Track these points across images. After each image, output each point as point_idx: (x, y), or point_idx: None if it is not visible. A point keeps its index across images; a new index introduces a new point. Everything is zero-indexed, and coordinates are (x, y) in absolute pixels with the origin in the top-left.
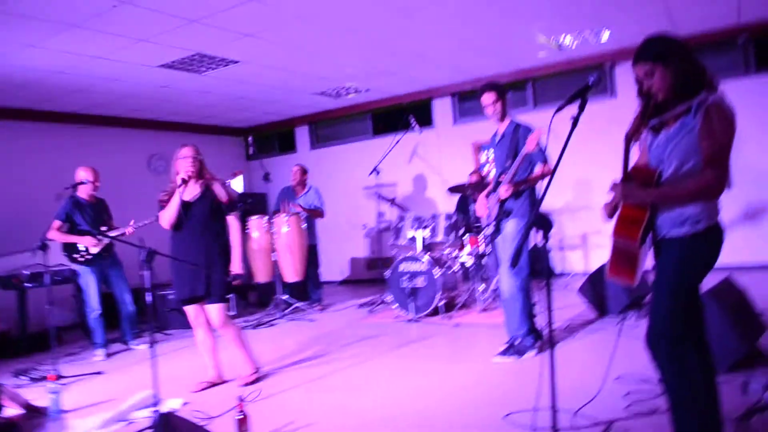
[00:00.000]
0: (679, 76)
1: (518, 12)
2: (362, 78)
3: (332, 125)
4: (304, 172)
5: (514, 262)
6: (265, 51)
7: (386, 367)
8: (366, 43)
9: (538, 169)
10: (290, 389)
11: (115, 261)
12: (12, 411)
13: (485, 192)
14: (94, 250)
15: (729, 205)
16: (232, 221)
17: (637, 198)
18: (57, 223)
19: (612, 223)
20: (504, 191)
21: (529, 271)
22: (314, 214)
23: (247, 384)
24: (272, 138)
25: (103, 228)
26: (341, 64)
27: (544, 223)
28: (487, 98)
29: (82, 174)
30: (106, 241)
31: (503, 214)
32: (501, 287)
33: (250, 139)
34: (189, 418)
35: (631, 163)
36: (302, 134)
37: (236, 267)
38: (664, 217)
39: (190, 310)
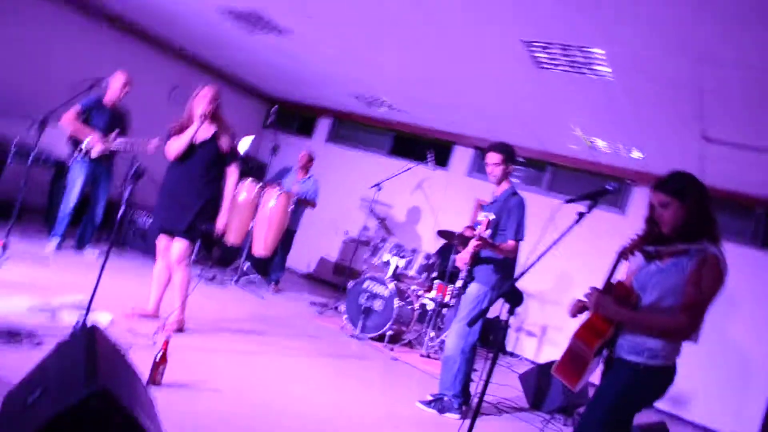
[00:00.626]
0: (690, 218)
1: (565, 100)
2: (399, 98)
3: (354, 129)
4: (310, 159)
5: (472, 322)
6: (320, 36)
7: (311, 368)
8: (415, 69)
9: (509, 242)
10: (212, 351)
11: (108, 170)
12: None
13: (469, 247)
14: (96, 152)
15: (709, 370)
16: (232, 172)
17: (609, 312)
18: (77, 109)
19: (576, 325)
20: (472, 245)
21: (478, 338)
22: (306, 203)
23: (167, 331)
24: (294, 117)
25: (116, 134)
26: (386, 76)
27: (515, 297)
28: (492, 158)
29: (118, 77)
30: (110, 147)
31: (470, 275)
32: (447, 342)
33: (274, 108)
34: (110, 337)
35: (615, 278)
36: (323, 125)
37: (222, 219)
38: (626, 339)
39: (162, 239)
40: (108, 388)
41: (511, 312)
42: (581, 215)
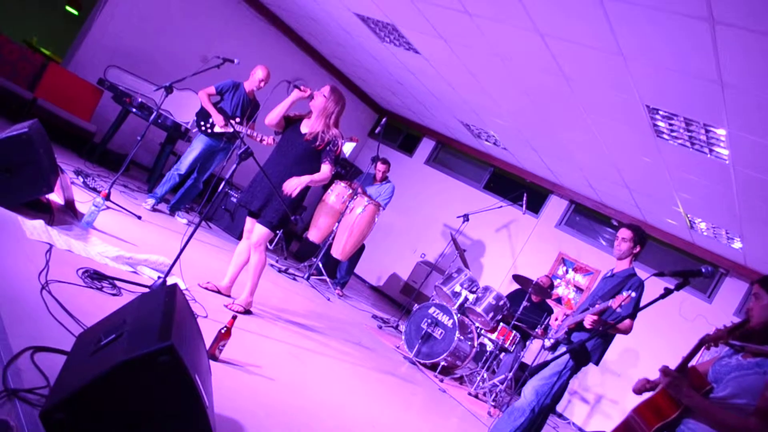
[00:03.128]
0: None
1: (676, 174)
2: (506, 136)
3: (455, 155)
4: (387, 168)
5: (531, 372)
6: (446, 59)
7: (357, 378)
8: (533, 112)
9: (626, 321)
10: (272, 339)
11: (226, 150)
12: (55, 198)
13: (565, 312)
14: (218, 130)
15: None
16: (324, 168)
17: (682, 394)
18: (212, 89)
19: (639, 400)
20: (589, 320)
21: (551, 403)
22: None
23: (233, 310)
24: (400, 132)
25: (238, 120)
26: (501, 113)
27: (582, 356)
28: (624, 233)
29: (259, 71)
30: (231, 129)
31: (568, 339)
32: (523, 393)
33: (383, 120)
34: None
35: (691, 364)
36: (426, 146)
37: (294, 183)
38: (687, 426)
39: (249, 220)
40: (176, 346)
41: (575, 370)
42: (668, 291)
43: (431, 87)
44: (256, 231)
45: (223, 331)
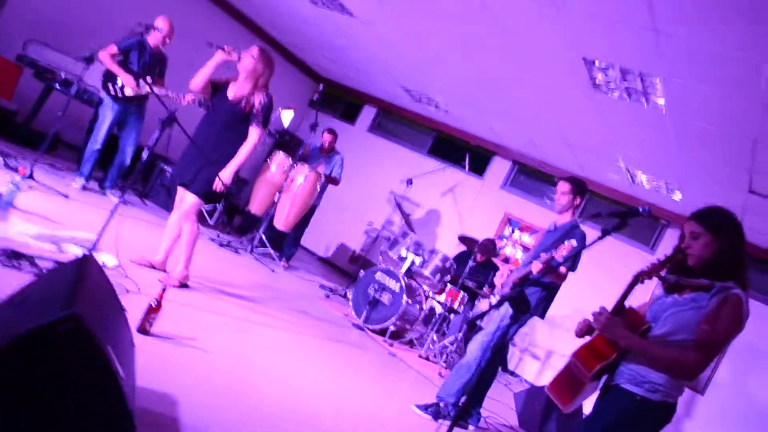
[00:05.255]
0: (720, 255)
1: (614, 127)
2: (448, 98)
3: (398, 122)
4: (335, 138)
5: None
6: (381, 20)
7: (304, 348)
8: (471, 70)
9: (562, 268)
10: (209, 312)
11: (139, 113)
12: None
13: (510, 268)
14: (128, 92)
15: (724, 422)
16: (252, 132)
17: (616, 335)
18: (113, 48)
19: (577, 344)
20: (535, 266)
21: (493, 354)
22: (331, 181)
23: (167, 284)
24: (340, 102)
25: (149, 79)
26: (440, 74)
27: (521, 304)
28: (562, 186)
29: (160, 23)
30: (143, 90)
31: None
32: (468, 350)
33: (320, 86)
34: (108, 275)
35: (627, 303)
36: (368, 113)
37: (226, 174)
38: (627, 368)
39: (179, 190)
40: (80, 314)
41: (515, 318)
42: (605, 232)
43: (369, 52)
44: (185, 200)
45: (153, 304)
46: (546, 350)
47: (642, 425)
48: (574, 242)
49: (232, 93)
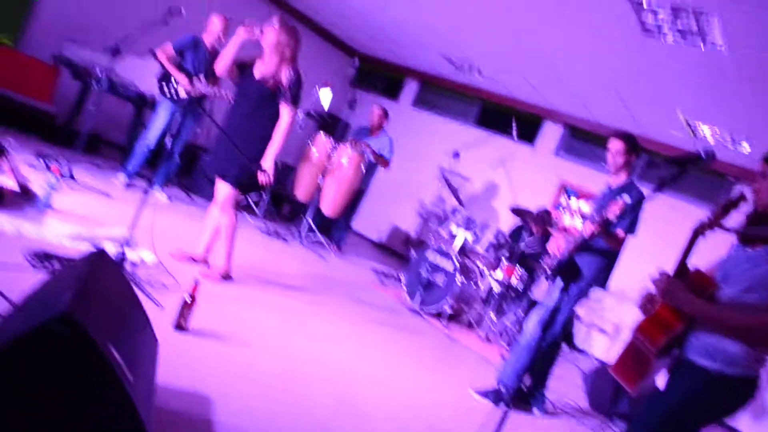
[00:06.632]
0: None
1: (670, 76)
2: (493, 65)
3: (441, 94)
4: (385, 115)
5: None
6: None
7: (356, 335)
8: (513, 31)
9: (618, 231)
10: (255, 305)
11: (195, 113)
12: (7, 182)
13: (563, 236)
14: (182, 93)
15: None
16: (284, 112)
17: (678, 301)
18: (169, 48)
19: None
20: (587, 228)
21: (559, 335)
22: (380, 161)
23: (208, 278)
24: (379, 78)
25: (202, 78)
26: (481, 39)
27: (571, 272)
28: (615, 144)
29: (215, 21)
30: (198, 90)
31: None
32: (524, 328)
33: (355, 60)
34: (147, 272)
35: (691, 262)
36: (410, 88)
37: (267, 163)
38: (698, 338)
39: (217, 181)
40: (76, 314)
41: (565, 288)
42: (662, 182)
43: (405, 22)
44: (221, 191)
45: (187, 299)
46: (614, 324)
47: (718, 404)
48: (627, 197)
49: (258, 72)
